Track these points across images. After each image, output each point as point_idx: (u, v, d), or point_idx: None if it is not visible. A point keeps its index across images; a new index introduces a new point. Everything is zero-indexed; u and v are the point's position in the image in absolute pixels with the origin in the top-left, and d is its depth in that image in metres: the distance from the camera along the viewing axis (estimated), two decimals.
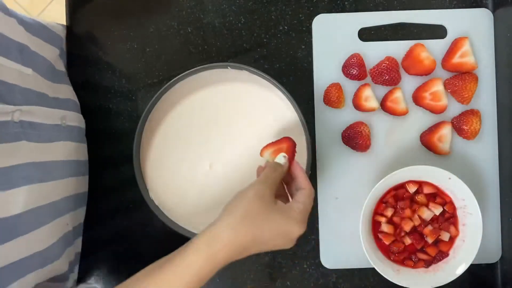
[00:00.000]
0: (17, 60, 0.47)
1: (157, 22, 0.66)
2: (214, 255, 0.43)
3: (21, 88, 0.47)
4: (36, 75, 0.51)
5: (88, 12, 0.66)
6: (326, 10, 0.65)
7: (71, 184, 0.57)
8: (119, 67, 0.66)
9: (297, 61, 0.65)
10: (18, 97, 0.45)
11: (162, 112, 0.61)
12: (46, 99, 0.53)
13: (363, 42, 0.64)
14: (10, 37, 0.46)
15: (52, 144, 0.51)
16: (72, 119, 0.59)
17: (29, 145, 0.46)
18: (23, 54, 0.49)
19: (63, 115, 0.55)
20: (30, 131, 0.46)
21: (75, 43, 0.66)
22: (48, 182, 0.49)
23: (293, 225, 0.47)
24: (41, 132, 0.49)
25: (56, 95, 0.57)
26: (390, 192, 0.60)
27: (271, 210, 0.46)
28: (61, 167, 0.53)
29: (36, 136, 0.47)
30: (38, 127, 0.48)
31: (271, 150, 0.54)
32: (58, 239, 0.52)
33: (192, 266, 0.43)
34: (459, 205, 0.59)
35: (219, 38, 0.65)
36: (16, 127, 0.44)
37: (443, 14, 0.64)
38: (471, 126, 0.61)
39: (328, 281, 0.64)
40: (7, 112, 0.42)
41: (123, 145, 0.64)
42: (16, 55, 0.47)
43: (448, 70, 0.63)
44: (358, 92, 0.62)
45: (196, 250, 0.44)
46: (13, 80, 0.45)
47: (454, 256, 0.59)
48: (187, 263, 0.43)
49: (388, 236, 0.60)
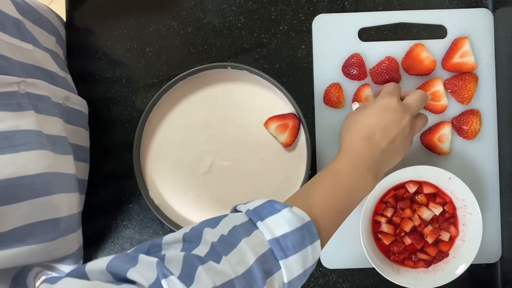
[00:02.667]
0: (15, 35, 0.46)
1: (157, 22, 0.66)
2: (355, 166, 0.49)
3: (22, 63, 0.46)
4: (39, 51, 0.50)
5: (88, 12, 0.66)
6: (326, 10, 0.65)
7: (75, 165, 0.56)
8: (119, 67, 0.66)
9: (297, 61, 0.65)
10: (20, 71, 0.45)
11: (162, 112, 0.61)
12: (53, 76, 0.53)
13: (363, 42, 0.64)
14: (5, 11, 0.45)
15: (58, 119, 0.50)
16: (75, 102, 0.57)
17: (37, 116, 0.45)
18: (21, 30, 0.48)
19: (66, 96, 0.54)
20: (39, 103, 0.46)
21: (75, 44, 0.66)
22: (58, 154, 0.48)
23: (405, 117, 0.51)
24: (48, 105, 0.48)
25: (64, 76, 0.56)
26: (390, 192, 0.60)
27: (401, 119, 0.51)
28: (66, 144, 0.52)
29: (45, 109, 0.47)
30: (46, 100, 0.48)
31: (277, 124, 0.59)
32: (74, 213, 0.51)
33: (343, 173, 0.48)
34: (459, 205, 0.59)
35: (219, 38, 0.65)
36: (24, 98, 0.43)
37: (443, 14, 0.64)
38: (471, 126, 0.61)
39: (328, 281, 0.64)
40: (11, 82, 0.42)
41: (123, 145, 0.64)
42: (14, 31, 0.46)
43: (448, 70, 0.63)
44: (358, 92, 0.62)
45: (343, 159, 0.50)
46: (13, 55, 0.44)
47: (454, 256, 0.59)
48: (340, 173, 0.48)
49: (388, 236, 0.60)
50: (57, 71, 0.54)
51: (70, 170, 0.52)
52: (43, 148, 0.44)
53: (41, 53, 0.51)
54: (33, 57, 0.49)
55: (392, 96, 0.52)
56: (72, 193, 0.51)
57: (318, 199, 0.45)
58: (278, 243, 0.39)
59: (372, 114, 0.51)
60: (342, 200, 0.46)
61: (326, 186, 0.47)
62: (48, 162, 0.45)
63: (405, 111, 0.51)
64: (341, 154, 0.50)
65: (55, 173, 0.47)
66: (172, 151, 0.62)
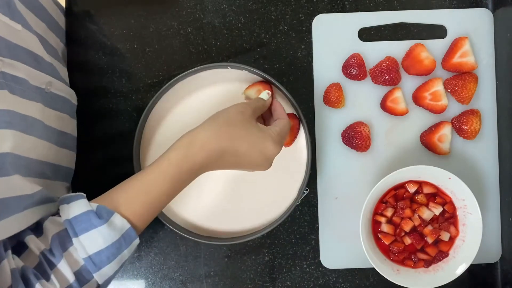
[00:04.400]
0: (5, 13, 0.45)
1: (157, 22, 0.66)
2: (192, 155, 0.47)
3: (8, 41, 0.45)
4: (27, 32, 0.50)
5: (88, 11, 0.66)
6: (326, 10, 0.65)
7: (51, 150, 0.56)
8: (119, 67, 0.66)
9: (297, 61, 0.65)
10: (3, 49, 0.44)
11: (162, 112, 0.61)
12: (38, 60, 0.52)
13: (363, 42, 0.64)
14: None
15: (34, 103, 0.50)
16: (59, 88, 0.57)
17: (11, 96, 0.44)
18: (11, 9, 0.47)
19: (49, 81, 0.54)
20: (13, 84, 0.45)
21: (75, 44, 0.66)
22: (31, 136, 0.48)
23: (268, 141, 0.50)
24: (24, 88, 0.47)
25: (51, 61, 0.56)
26: (390, 192, 0.60)
27: (249, 123, 0.50)
28: (42, 128, 0.52)
29: (19, 91, 0.46)
30: (23, 83, 0.47)
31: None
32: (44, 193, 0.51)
33: (172, 161, 0.46)
34: (459, 205, 0.59)
35: (219, 38, 0.65)
36: None
37: (443, 14, 0.64)
38: (471, 126, 0.61)
39: (328, 281, 0.64)
40: None
41: (123, 145, 0.64)
42: (4, 8, 0.45)
43: (448, 70, 0.63)
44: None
45: (176, 148, 0.47)
46: (0, 32, 0.44)
47: (454, 256, 0.59)
48: (168, 160, 0.47)
49: (388, 236, 0.60)
50: (43, 56, 0.54)
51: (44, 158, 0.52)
52: (10, 128, 0.43)
53: (29, 35, 0.51)
54: (21, 38, 0.48)
55: (279, 147, 0.52)
56: (33, 177, 0.50)
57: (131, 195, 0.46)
58: (91, 260, 0.42)
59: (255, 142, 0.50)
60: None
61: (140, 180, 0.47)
62: (20, 144, 0.45)
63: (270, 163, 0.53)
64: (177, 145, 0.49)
65: (27, 158, 0.47)
66: None
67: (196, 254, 0.64)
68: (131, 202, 0.45)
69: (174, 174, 0.46)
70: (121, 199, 0.45)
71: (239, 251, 0.65)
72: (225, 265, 0.64)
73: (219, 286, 0.64)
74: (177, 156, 0.47)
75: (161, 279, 0.65)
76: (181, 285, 0.65)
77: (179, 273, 0.65)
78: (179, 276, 0.65)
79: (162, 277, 0.65)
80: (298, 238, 0.64)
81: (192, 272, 0.64)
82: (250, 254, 0.64)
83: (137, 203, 0.45)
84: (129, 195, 0.46)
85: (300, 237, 0.64)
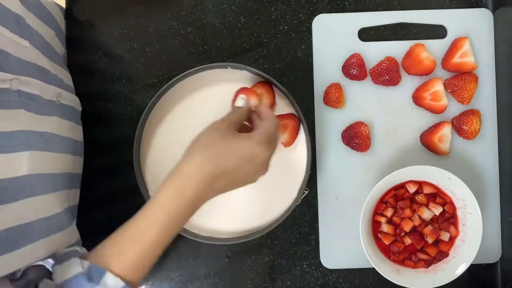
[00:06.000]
0: (14, 30, 0.46)
1: (157, 22, 0.66)
2: (180, 190, 0.45)
3: (19, 59, 0.46)
4: (33, 48, 0.51)
5: (88, 11, 0.66)
6: (326, 10, 0.65)
7: (68, 161, 0.57)
8: (119, 67, 0.66)
9: (297, 61, 0.65)
10: (16, 67, 0.45)
11: (162, 112, 0.61)
12: (46, 74, 0.53)
13: (363, 42, 0.64)
14: (7, 6, 0.45)
15: (49, 118, 0.51)
16: (67, 98, 0.58)
17: (28, 115, 0.45)
18: (20, 26, 0.48)
19: (58, 92, 0.54)
20: (29, 102, 0.46)
21: (75, 45, 0.66)
22: (48, 152, 0.49)
23: (254, 147, 0.48)
24: (39, 104, 0.48)
25: (56, 73, 0.56)
26: (390, 192, 0.60)
27: (227, 138, 0.48)
28: (58, 141, 0.52)
29: (34, 108, 0.47)
30: (36, 99, 0.48)
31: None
32: (63, 210, 0.52)
33: (160, 203, 0.45)
34: (459, 205, 0.59)
35: (219, 38, 0.65)
36: (14, 96, 0.43)
37: (443, 14, 0.64)
38: (471, 126, 0.61)
39: (328, 281, 0.64)
40: (4, 79, 0.42)
41: (123, 145, 0.64)
42: (14, 26, 0.46)
43: (448, 70, 0.63)
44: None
45: (163, 190, 0.45)
46: (11, 49, 0.44)
47: (454, 256, 0.59)
48: (156, 203, 0.45)
49: (388, 236, 0.60)
50: (50, 68, 0.55)
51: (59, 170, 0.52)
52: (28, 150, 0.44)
53: (36, 50, 0.51)
54: (29, 53, 0.49)
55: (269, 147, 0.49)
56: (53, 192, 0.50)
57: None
58: None
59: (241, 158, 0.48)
60: None
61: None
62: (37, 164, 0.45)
63: None
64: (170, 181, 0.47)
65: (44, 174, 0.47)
66: (172, 151, 0.61)
67: (196, 254, 0.64)
68: (123, 255, 0.43)
69: (164, 219, 0.44)
70: (114, 254, 0.43)
71: (239, 251, 0.65)
72: (225, 265, 0.64)
73: (219, 286, 0.64)
74: (164, 199, 0.45)
75: (161, 279, 0.65)
76: (181, 285, 0.65)
77: (179, 273, 0.65)
78: (179, 276, 0.65)
79: (162, 277, 0.65)
80: (298, 238, 0.64)
81: (192, 272, 0.64)
82: (250, 254, 0.64)
83: (130, 254, 0.43)
84: (120, 248, 0.44)
85: (300, 237, 0.64)
